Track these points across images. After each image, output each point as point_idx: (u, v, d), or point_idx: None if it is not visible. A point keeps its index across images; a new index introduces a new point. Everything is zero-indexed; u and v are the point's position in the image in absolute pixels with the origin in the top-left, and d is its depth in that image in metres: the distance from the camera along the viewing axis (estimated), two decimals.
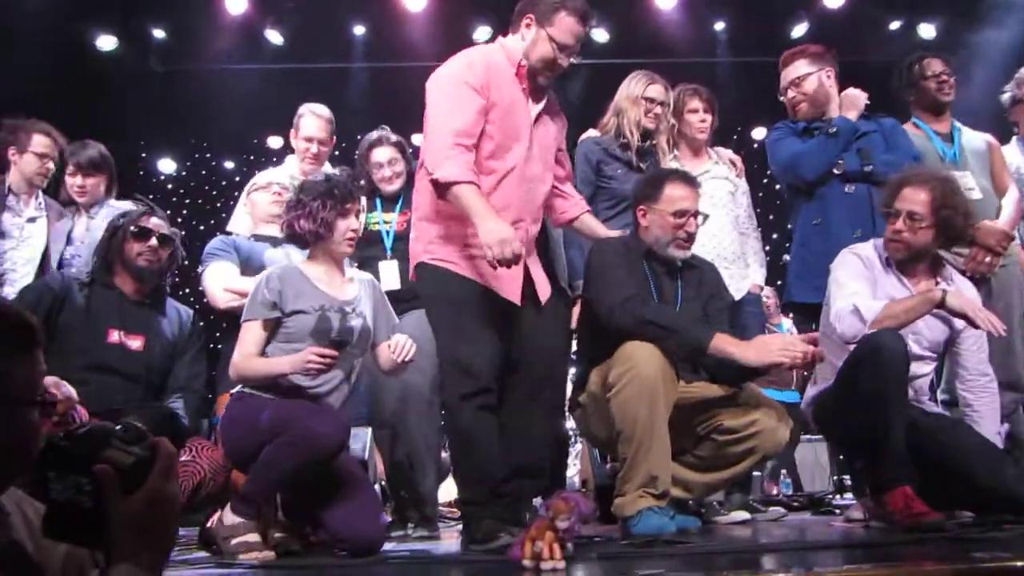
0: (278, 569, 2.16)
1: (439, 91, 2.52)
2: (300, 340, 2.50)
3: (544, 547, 1.74)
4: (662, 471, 2.41)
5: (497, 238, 2.29)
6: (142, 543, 1.06)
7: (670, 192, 2.73)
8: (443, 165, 2.41)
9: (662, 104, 3.53)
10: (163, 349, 2.84)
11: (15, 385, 1.05)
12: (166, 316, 2.91)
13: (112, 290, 2.82)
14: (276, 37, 6.03)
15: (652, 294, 2.69)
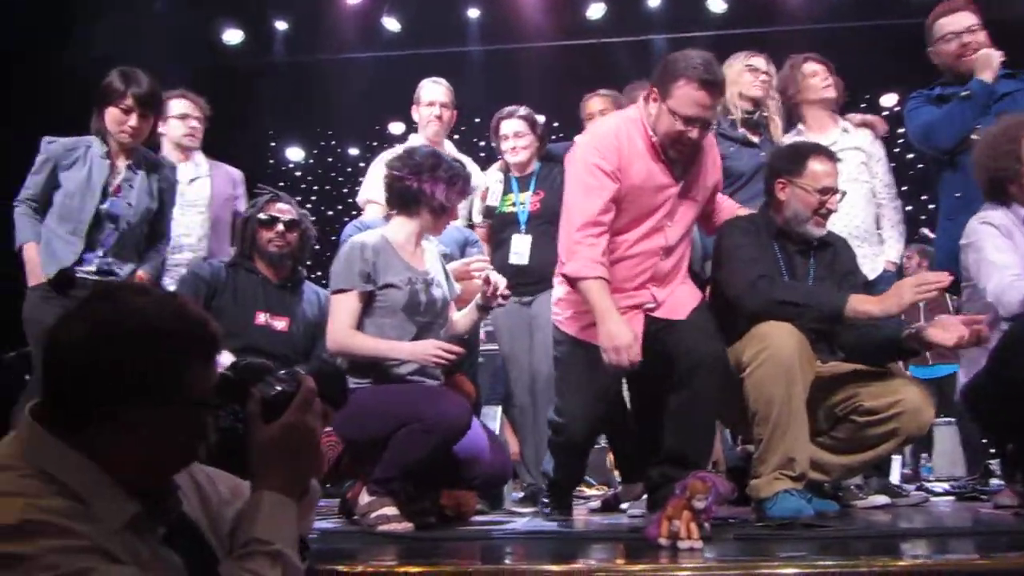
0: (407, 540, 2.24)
1: (573, 176, 2.56)
2: (391, 315, 2.54)
3: (681, 526, 1.76)
4: (800, 453, 2.37)
5: (614, 344, 2.34)
6: (279, 469, 1.16)
7: (814, 167, 2.64)
8: (571, 259, 2.45)
9: (766, 73, 3.46)
10: (305, 329, 2.98)
11: (197, 388, 1.13)
12: (305, 298, 3.05)
13: (255, 275, 2.98)
14: (393, 24, 6.15)
15: (783, 273, 2.64)
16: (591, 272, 2.43)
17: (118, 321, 1.09)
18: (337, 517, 2.86)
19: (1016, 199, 2.68)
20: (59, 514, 0.99)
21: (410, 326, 2.56)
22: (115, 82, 3.04)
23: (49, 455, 1.05)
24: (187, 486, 1.24)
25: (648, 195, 2.53)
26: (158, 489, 1.16)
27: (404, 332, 2.55)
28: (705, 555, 1.73)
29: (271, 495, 1.16)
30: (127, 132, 3.06)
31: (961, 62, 3.26)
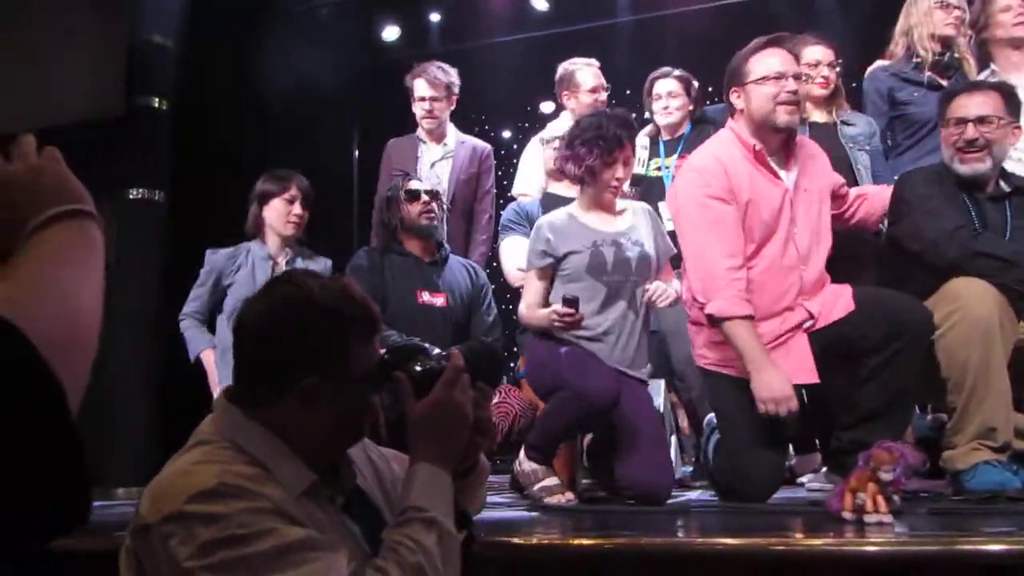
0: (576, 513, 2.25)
1: (687, 216, 2.44)
2: (578, 279, 2.55)
3: (867, 499, 1.64)
4: (1001, 421, 2.18)
5: (771, 395, 2.22)
6: (432, 443, 1.22)
7: (955, 103, 2.51)
8: (715, 298, 2.33)
9: (959, 8, 3.18)
10: (461, 303, 2.99)
11: (361, 366, 1.21)
12: (457, 271, 3.07)
13: (406, 256, 3.00)
14: (540, 3, 6.15)
15: (974, 224, 2.41)
16: (739, 311, 2.31)
17: (293, 298, 1.20)
18: (509, 492, 2.91)
19: None
20: (248, 479, 1.10)
21: (599, 287, 2.55)
22: (270, 181, 3.21)
23: (239, 429, 1.17)
24: (362, 462, 1.34)
25: (765, 206, 2.39)
26: (334, 462, 1.26)
27: (595, 293, 2.54)
28: (896, 530, 1.61)
29: (425, 466, 1.21)
30: (294, 223, 3.19)
31: None
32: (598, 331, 2.52)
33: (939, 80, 3.20)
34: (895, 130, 3.29)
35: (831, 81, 3.17)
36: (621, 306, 2.56)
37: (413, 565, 1.11)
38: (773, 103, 2.38)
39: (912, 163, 3.19)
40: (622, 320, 2.56)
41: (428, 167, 3.70)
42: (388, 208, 3.06)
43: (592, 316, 2.51)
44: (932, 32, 3.18)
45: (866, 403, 2.32)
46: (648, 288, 2.54)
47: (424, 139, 3.79)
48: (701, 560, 1.51)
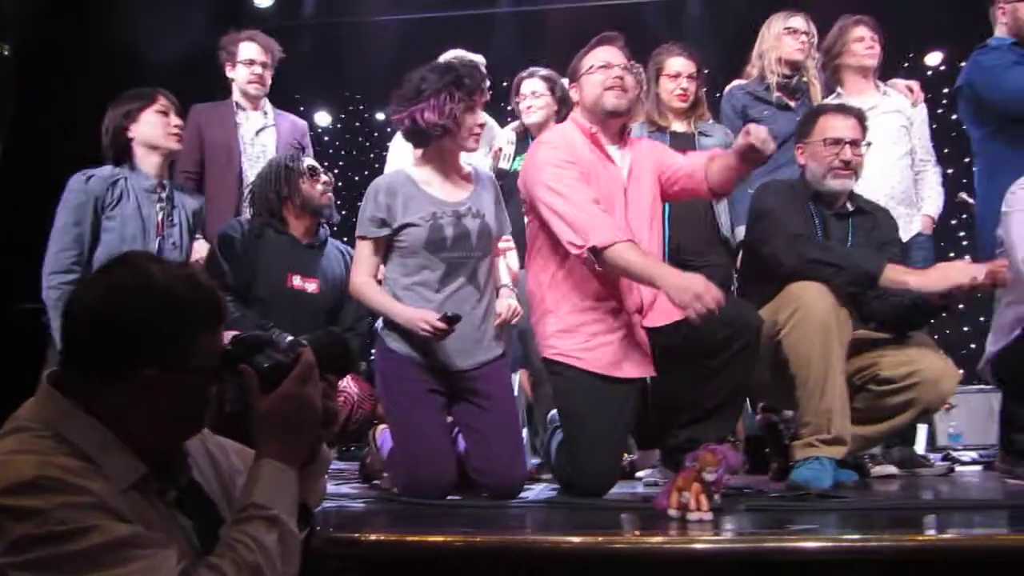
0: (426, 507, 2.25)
1: (548, 176, 2.45)
2: (414, 254, 2.48)
3: (691, 498, 1.76)
4: (838, 413, 2.36)
5: (694, 291, 2.17)
6: (278, 439, 1.20)
7: (822, 123, 2.70)
8: (594, 231, 2.34)
9: (807, 34, 3.42)
10: (333, 290, 2.90)
11: (203, 358, 1.17)
12: (333, 257, 2.97)
13: (284, 235, 2.86)
14: None
15: (818, 236, 2.63)
16: (621, 236, 2.36)
17: (133, 284, 1.15)
18: (357, 481, 2.91)
19: None
20: (70, 472, 1.05)
21: (436, 263, 2.48)
22: (129, 99, 2.90)
23: (62, 418, 1.11)
24: (199, 454, 1.30)
25: (602, 186, 2.49)
26: (168, 455, 1.21)
27: (432, 269, 2.48)
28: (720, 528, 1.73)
29: (270, 463, 1.19)
30: (175, 134, 2.91)
31: None
32: (431, 307, 2.45)
33: (787, 101, 3.45)
34: None
35: (690, 93, 3.32)
36: (459, 282, 2.50)
37: (250, 564, 1.09)
38: (601, 88, 2.52)
39: (764, 175, 3.40)
40: (460, 298, 2.49)
41: (252, 134, 3.58)
42: (285, 180, 2.88)
43: (430, 295, 2.48)
44: (780, 56, 3.41)
45: (703, 402, 2.47)
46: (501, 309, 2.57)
47: (244, 106, 3.64)
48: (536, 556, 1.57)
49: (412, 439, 2.42)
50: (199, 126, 3.56)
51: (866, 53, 3.41)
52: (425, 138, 2.50)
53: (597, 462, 2.40)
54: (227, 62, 3.64)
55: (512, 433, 2.55)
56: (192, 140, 3.48)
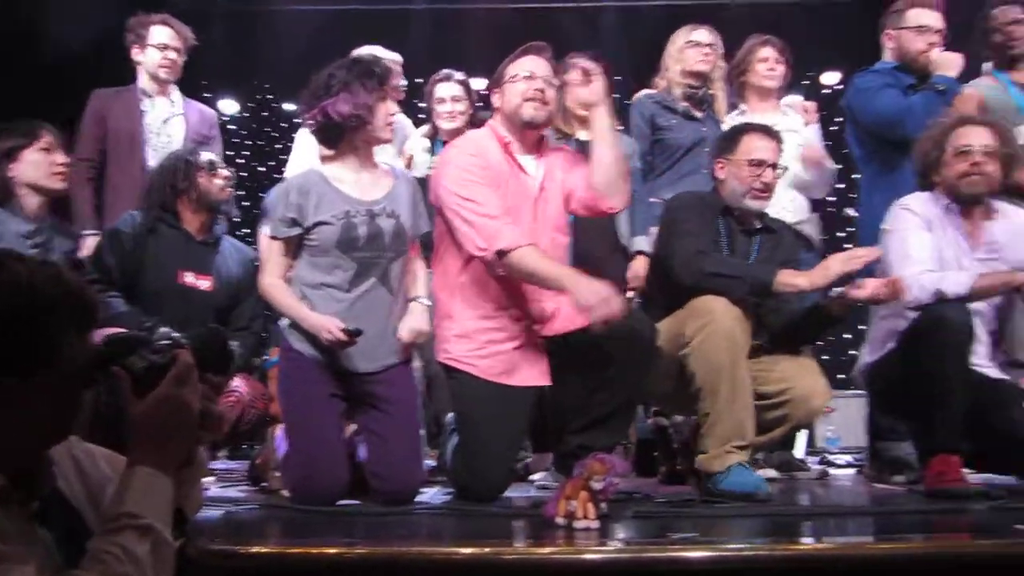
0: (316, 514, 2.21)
1: (456, 181, 2.46)
2: (325, 253, 2.43)
3: (578, 506, 1.79)
4: (747, 420, 2.42)
5: (599, 297, 2.23)
6: (152, 444, 1.15)
7: (747, 143, 2.71)
8: (499, 236, 2.37)
9: (710, 46, 3.51)
10: (228, 288, 2.85)
11: (71, 361, 1.11)
12: (227, 254, 2.91)
13: (178, 230, 2.80)
14: None
15: (724, 251, 2.69)
16: (525, 239, 2.39)
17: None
18: (246, 484, 2.85)
19: (940, 187, 2.76)
20: None
21: (348, 263, 2.43)
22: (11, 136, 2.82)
23: None
24: (65, 462, 1.23)
25: (512, 194, 2.51)
26: (31, 465, 1.14)
27: (343, 269, 2.43)
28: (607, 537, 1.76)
29: (143, 470, 1.14)
30: (59, 173, 2.86)
31: (922, 56, 3.31)
32: (341, 307, 2.42)
33: (693, 111, 3.53)
34: (655, 153, 3.57)
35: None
36: (372, 284, 2.46)
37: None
38: (521, 99, 2.52)
39: (668, 184, 3.49)
40: (369, 295, 2.45)
41: (159, 123, 3.46)
42: (183, 174, 2.81)
43: (340, 295, 2.44)
44: (684, 68, 3.50)
45: (596, 409, 2.51)
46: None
47: (150, 92, 3.51)
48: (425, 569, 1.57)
49: (308, 443, 2.38)
50: (101, 113, 3.44)
51: (767, 74, 3.52)
52: (338, 133, 2.45)
53: (490, 468, 2.42)
54: (135, 44, 3.50)
55: (411, 438, 2.54)
56: (93, 127, 3.39)
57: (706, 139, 3.49)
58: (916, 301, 2.56)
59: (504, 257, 2.36)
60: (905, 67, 3.36)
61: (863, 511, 2.26)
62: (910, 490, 2.65)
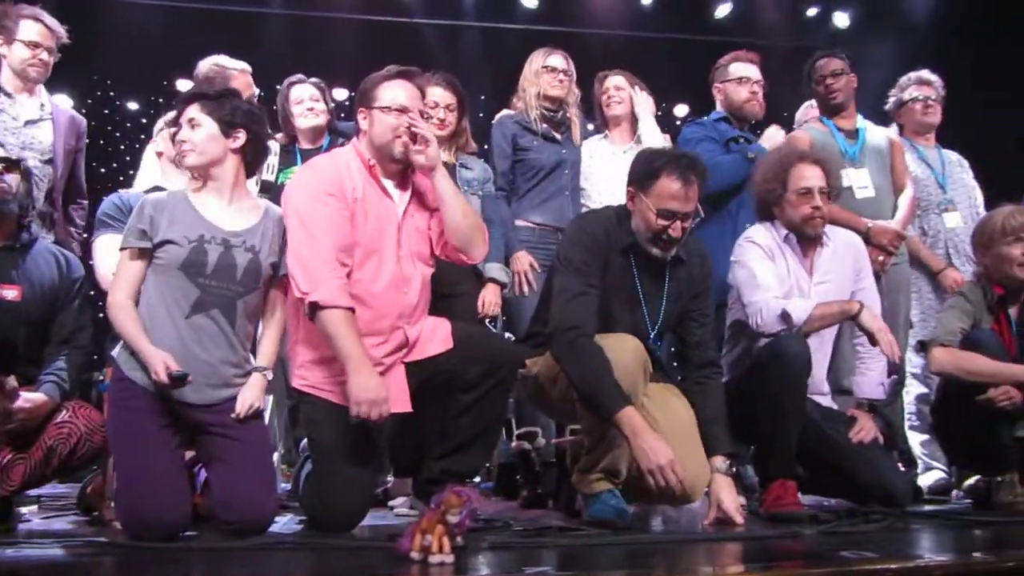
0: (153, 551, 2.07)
1: (299, 209, 2.38)
2: (169, 272, 2.33)
3: (433, 540, 1.75)
4: (623, 457, 2.42)
5: (367, 397, 2.21)
6: None
7: (662, 186, 2.49)
8: (320, 287, 2.29)
9: (565, 72, 3.61)
10: (43, 297, 2.59)
11: None
12: (42, 260, 2.65)
13: None
14: None
15: (638, 288, 2.60)
16: (343, 301, 2.30)
17: None
18: (74, 513, 2.63)
19: (779, 219, 2.95)
20: None
21: (191, 287, 2.33)
22: None
23: None
24: None
25: (372, 218, 2.46)
26: None
27: (185, 292, 2.32)
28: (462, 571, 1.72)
29: None
30: None
31: (745, 106, 3.60)
32: (174, 333, 2.31)
33: (553, 133, 3.62)
34: (516, 173, 3.61)
35: (449, 123, 3.33)
36: (213, 315, 2.35)
37: None
38: (393, 135, 2.47)
39: (531, 207, 3.54)
40: (210, 333, 2.35)
41: (20, 124, 3.21)
42: None
43: (178, 319, 2.32)
44: (539, 91, 3.58)
45: (459, 435, 2.49)
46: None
47: (9, 91, 3.26)
48: None
49: (137, 476, 2.23)
50: None
51: (613, 101, 3.71)
52: None
53: (344, 497, 2.34)
54: None
55: (261, 464, 2.42)
56: None
57: (566, 161, 3.61)
58: (764, 325, 2.70)
59: (316, 311, 2.29)
60: (731, 118, 3.63)
61: (705, 538, 2.33)
62: (751, 513, 2.78)
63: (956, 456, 3.26)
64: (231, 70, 3.51)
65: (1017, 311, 3.04)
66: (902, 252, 3.46)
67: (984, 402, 2.77)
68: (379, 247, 2.45)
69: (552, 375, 2.57)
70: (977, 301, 3.03)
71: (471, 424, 2.49)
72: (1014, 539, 2.31)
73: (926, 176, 3.73)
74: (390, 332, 2.48)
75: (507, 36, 6.09)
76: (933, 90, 3.86)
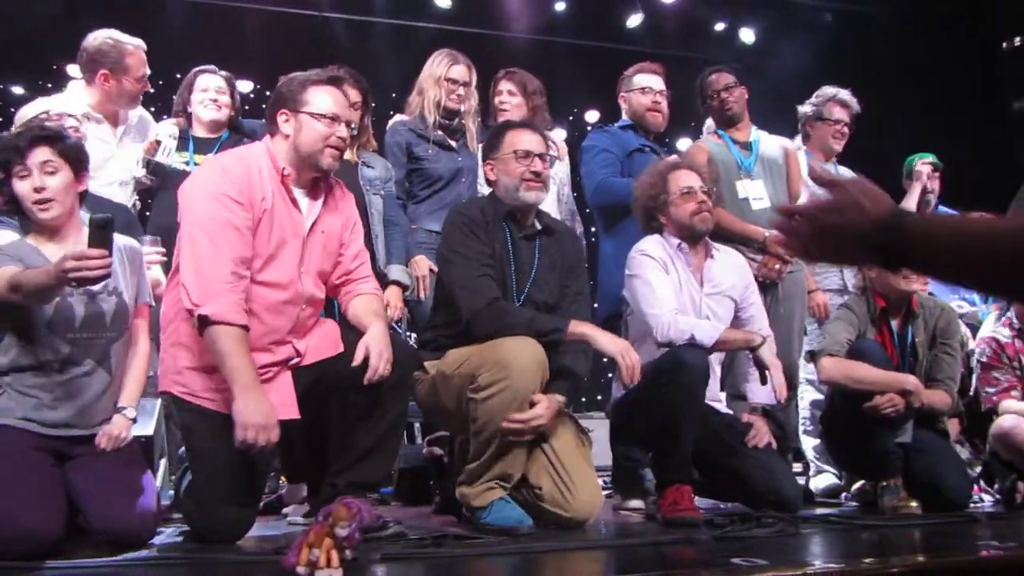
0: None
1: (201, 210, 2.23)
2: (36, 330, 2.19)
3: (321, 555, 1.67)
4: (517, 471, 2.43)
5: (254, 421, 2.10)
6: None
7: (511, 137, 2.73)
8: (215, 299, 2.16)
9: (465, 85, 3.56)
10: None
11: None
12: None
13: None
14: None
15: (509, 261, 2.67)
16: (238, 319, 2.18)
17: None
18: None
19: (668, 227, 2.99)
20: None
21: (60, 343, 2.23)
22: None
23: None
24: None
25: (277, 230, 2.33)
26: None
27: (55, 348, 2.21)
28: None
29: None
30: None
31: (647, 115, 3.64)
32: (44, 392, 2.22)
33: (449, 141, 3.55)
34: (412, 181, 3.54)
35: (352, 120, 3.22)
36: (86, 365, 2.27)
37: None
38: (323, 144, 2.35)
39: (429, 214, 3.47)
40: (84, 382, 2.27)
41: None
42: None
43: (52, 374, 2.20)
44: (438, 100, 3.51)
45: (358, 443, 2.40)
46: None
47: None
48: None
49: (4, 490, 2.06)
50: None
51: (507, 107, 3.66)
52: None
53: (229, 508, 2.23)
54: None
55: (137, 476, 2.30)
56: None
57: (463, 169, 3.54)
58: (667, 340, 2.72)
59: (206, 325, 2.17)
60: (636, 126, 3.67)
61: (605, 544, 2.33)
62: (648, 517, 2.80)
63: (844, 461, 3.37)
64: (126, 45, 3.32)
65: (899, 322, 3.17)
66: (798, 260, 3.55)
67: (869, 409, 2.89)
68: (280, 261, 2.33)
69: (448, 377, 2.54)
70: (862, 313, 3.16)
71: (370, 430, 2.40)
72: (898, 543, 2.39)
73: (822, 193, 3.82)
74: (278, 346, 2.37)
75: (418, 34, 6.03)
76: (848, 115, 3.96)
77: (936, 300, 3.35)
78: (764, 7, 6.77)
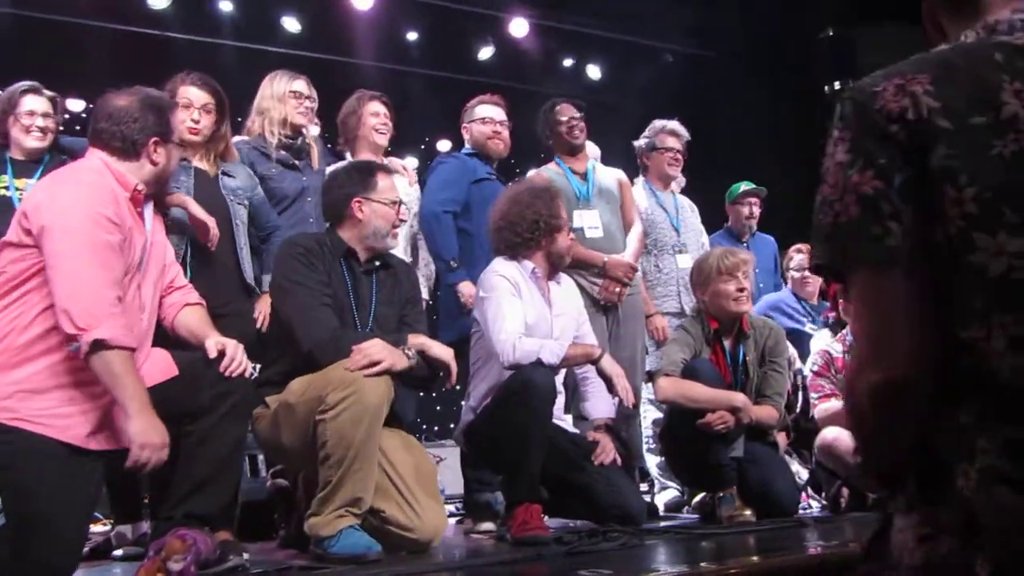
0: None
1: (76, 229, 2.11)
2: None
3: None
4: (367, 492, 2.38)
5: (151, 441, 2.04)
6: None
7: (384, 182, 2.78)
8: (104, 323, 2.04)
9: (309, 98, 3.51)
10: None
11: None
12: None
13: None
14: None
15: (349, 295, 2.66)
16: (129, 342, 2.10)
17: None
18: None
19: (533, 255, 3.06)
20: None
21: None
22: None
23: None
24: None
25: (134, 246, 2.28)
26: None
27: None
28: None
29: None
30: None
31: (488, 143, 3.70)
32: None
33: (293, 160, 3.46)
34: None
35: (204, 127, 3.04)
36: None
37: None
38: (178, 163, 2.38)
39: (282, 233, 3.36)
40: None
41: None
42: None
43: None
44: (283, 117, 3.41)
45: (198, 471, 2.27)
46: None
47: None
48: None
49: None
50: None
51: (378, 128, 3.60)
52: None
53: (57, 550, 2.04)
54: None
55: None
56: None
57: (308, 188, 3.44)
58: (514, 362, 2.77)
59: (96, 349, 2.05)
60: (479, 154, 3.73)
61: (456, 566, 2.33)
62: (499, 538, 2.82)
63: (683, 475, 3.53)
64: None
65: (731, 342, 3.37)
66: (636, 283, 3.70)
67: (703, 426, 3.05)
68: (136, 276, 2.27)
69: (292, 406, 2.48)
70: (697, 334, 3.34)
71: (208, 456, 2.28)
72: (734, 548, 2.53)
73: (662, 220, 4.04)
74: None
75: (266, 58, 5.88)
76: (680, 143, 4.18)
77: (766, 320, 3.58)
78: (610, 45, 7.09)
